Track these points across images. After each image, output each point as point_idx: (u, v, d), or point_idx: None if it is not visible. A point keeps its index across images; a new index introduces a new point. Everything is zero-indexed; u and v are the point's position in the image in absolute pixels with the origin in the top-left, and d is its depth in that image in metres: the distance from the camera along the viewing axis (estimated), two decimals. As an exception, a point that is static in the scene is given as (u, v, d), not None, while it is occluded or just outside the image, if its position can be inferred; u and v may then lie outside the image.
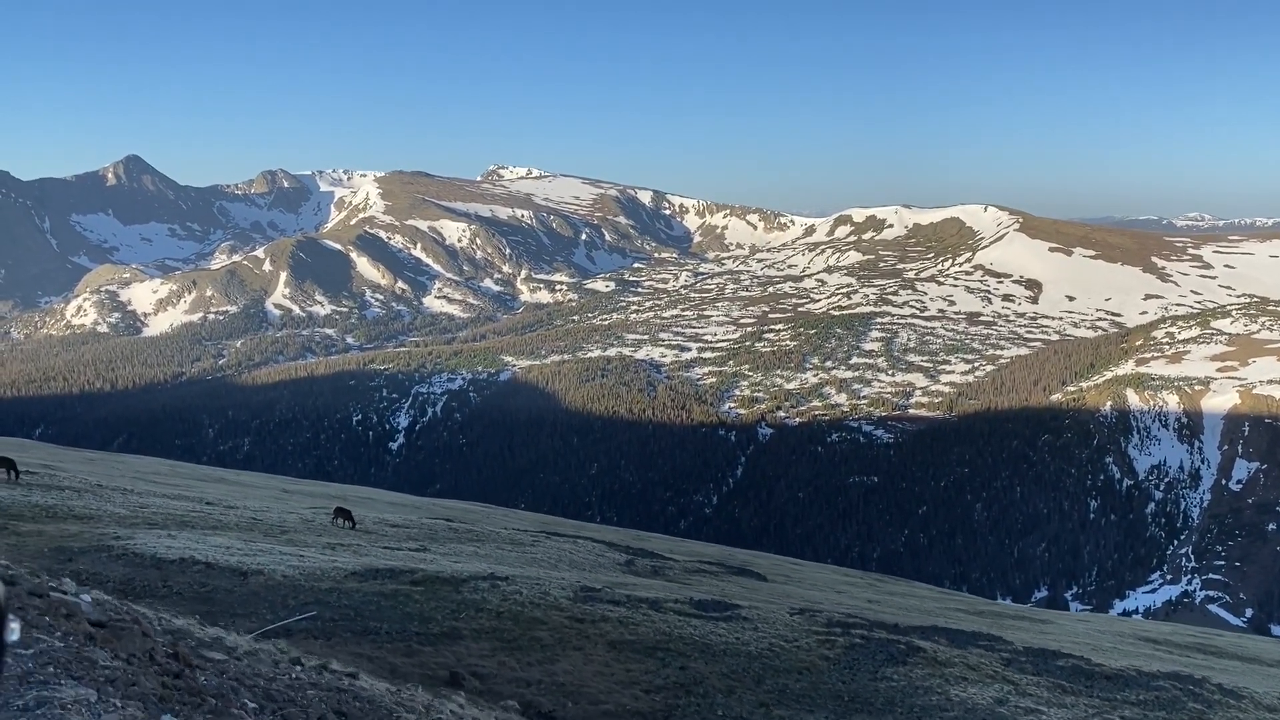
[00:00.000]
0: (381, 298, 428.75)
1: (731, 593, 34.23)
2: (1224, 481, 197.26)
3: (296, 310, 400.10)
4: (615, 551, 44.05)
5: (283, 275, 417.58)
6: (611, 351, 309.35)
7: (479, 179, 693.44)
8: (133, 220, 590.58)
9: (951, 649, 25.60)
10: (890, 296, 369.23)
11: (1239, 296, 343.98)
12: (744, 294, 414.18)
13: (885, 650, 24.62)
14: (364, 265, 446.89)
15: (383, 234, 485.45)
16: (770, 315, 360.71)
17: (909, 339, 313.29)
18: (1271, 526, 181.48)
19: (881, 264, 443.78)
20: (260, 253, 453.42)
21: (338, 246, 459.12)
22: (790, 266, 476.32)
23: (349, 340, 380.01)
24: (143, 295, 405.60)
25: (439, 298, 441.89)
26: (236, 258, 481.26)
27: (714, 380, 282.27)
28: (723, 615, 25.47)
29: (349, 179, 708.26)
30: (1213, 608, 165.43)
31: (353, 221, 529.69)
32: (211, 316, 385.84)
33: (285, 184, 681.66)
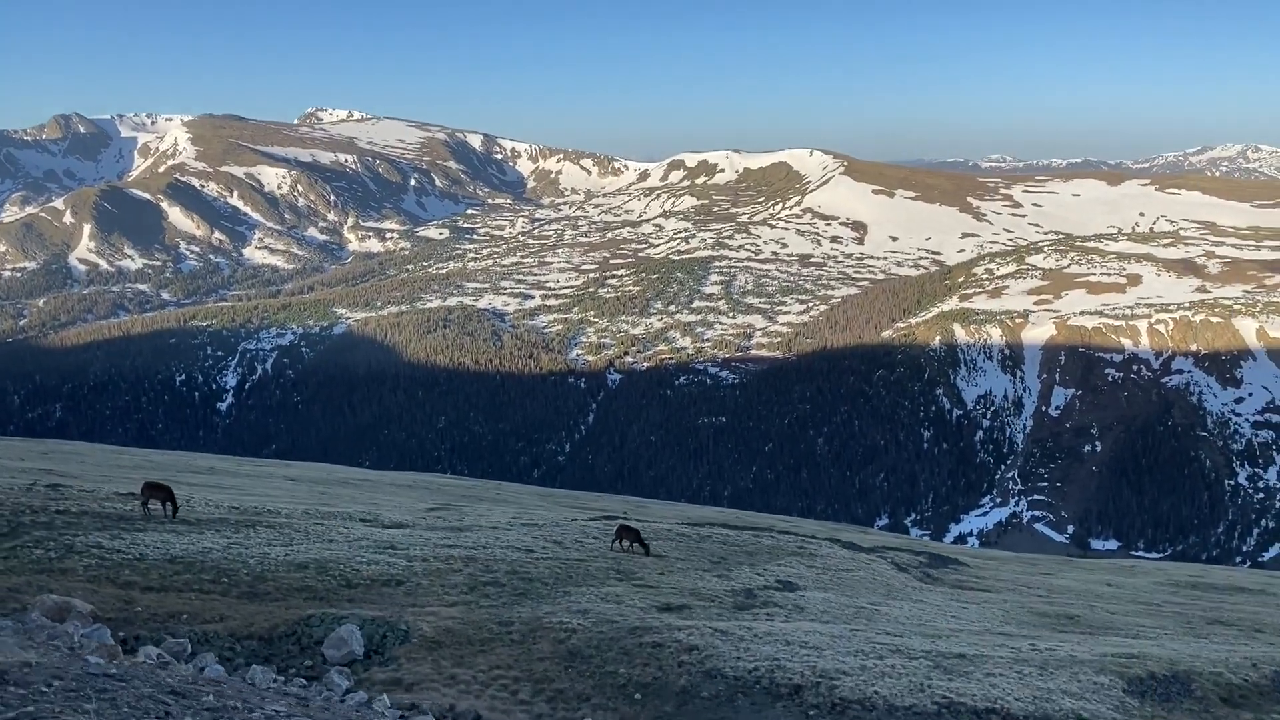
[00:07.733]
0: (198, 250, 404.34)
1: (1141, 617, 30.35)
2: (1044, 408, 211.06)
3: (104, 265, 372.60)
4: (865, 554, 38.03)
5: (86, 228, 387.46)
6: (452, 301, 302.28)
7: (296, 122, 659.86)
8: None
9: None
10: (726, 240, 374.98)
11: (1048, 234, 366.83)
12: (583, 240, 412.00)
13: None
14: (176, 215, 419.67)
15: (195, 181, 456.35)
16: (611, 261, 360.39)
17: (746, 282, 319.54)
18: (1087, 448, 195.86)
19: (715, 208, 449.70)
20: (59, 204, 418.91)
21: (146, 196, 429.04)
22: (627, 212, 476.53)
23: (165, 296, 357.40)
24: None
25: (260, 248, 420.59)
26: (31, 209, 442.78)
27: (560, 328, 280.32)
28: None
29: (154, 123, 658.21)
30: (1039, 526, 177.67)
31: (161, 169, 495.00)
32: (7, 274, 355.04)
33: (82, 129, 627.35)
